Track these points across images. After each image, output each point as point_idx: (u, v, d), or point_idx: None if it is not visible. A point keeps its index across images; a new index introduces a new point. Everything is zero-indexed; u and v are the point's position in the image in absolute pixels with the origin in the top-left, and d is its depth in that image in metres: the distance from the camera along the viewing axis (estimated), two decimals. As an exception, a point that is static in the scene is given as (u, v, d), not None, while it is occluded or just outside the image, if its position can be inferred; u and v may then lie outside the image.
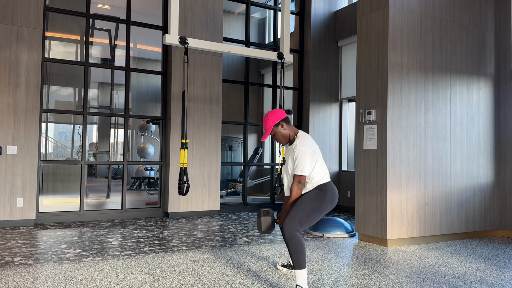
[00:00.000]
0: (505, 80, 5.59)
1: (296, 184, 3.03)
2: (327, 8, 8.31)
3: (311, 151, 3.07)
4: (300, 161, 3.01)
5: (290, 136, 3.22)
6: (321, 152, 7.98)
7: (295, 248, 2.90)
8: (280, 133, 3.20)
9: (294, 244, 2.91)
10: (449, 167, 5.16)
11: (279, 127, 3.19)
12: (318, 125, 8.06)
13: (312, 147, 3.09)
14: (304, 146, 3.05)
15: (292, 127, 3.23)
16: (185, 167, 4.24)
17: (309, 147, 3.07)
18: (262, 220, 3.22)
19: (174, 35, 4.46)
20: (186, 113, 4.31)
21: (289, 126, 3.22)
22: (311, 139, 3.16)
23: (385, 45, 4.82)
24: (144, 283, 3.23)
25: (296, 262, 2.92)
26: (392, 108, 4.77)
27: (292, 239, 2.91)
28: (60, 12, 6.19)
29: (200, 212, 6.84)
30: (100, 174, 12.02)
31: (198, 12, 6.93)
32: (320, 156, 3.17)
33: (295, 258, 2.92)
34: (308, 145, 3.07)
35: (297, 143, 3.09)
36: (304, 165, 3.01)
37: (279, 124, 3.19)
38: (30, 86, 5.75)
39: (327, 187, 3.13)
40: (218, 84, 7.05)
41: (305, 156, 3.02)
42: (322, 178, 3.13)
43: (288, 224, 2.94)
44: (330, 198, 3.11)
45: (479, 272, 3.74)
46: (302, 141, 3.09)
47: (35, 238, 4.87)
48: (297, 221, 2.95)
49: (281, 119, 3.19)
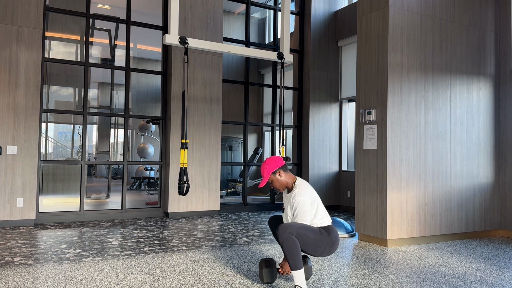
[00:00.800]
0: (505, 80, 5.59)
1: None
2: (327, 8, 8.31)
3: (310, 200, 3.06)
4: (300, 211, 3.02)
5: (288, 183, 3.22)
6: (320, 159, 7.98)
7: (290, 249, 2.89)
8: (277, 180, 3.21)
9: (288, 245, 2.89)
10: (449, 167, 5.16)
11: (277, 175, 3.20)
12: (318, 125, 8.06)
13: (310, 195, 3.09)
14: (302, 196, 3.04)
15: (289, 174, 3.24)
16: (185, 167, 4.24)
17: (307, 196, 3.06)
18: (264, 272, 3.20)
19: (174, 35, 4.46)
20: (186, 113, 4.31)
21: (287, 174, 3.22)
22: (309, 187, 3.16)
23: (385, 45, 4.82)
24: (144, 283, 3.23)
25: (292, 263, 2.91)
26: (392, 108, 4.77)
27: (286, 240, 2.90)
28: (60, 12, 6.19)
29: (200, 212, 6.84)
30: (100, 174, 12.02)
31: (198, 12, 6.93)
32: (320, 202, 3.16)
33: (291, 259, 2.91)
34: (307, 194, 3.06)
35: (296, 193, 3.08)
36: (305, 215, 3.02)
37: (277, 172, 3.20)
38: (30, 86, 5.75)
39: (330, 229, 3.10)
40: (218, 84, 7.05)
41: (304, 206, 3.02)
42: (323, 222, 3.12)
43: (284, 227, 2.93)
44: (332, 241, 3.07)
45: (479, 272, 3.74)
46: (301, 191, 3.08)
47: (35, 238, 4.87)
48: (295, 230, 2.93)
49: (279, 167, 3.20)
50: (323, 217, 3.13)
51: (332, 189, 8.15)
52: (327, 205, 8.07)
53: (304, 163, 8.05)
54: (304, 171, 8.05)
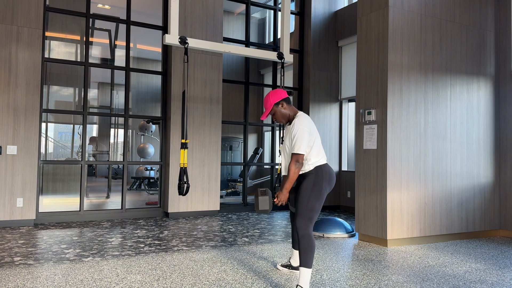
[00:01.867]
0: (505, 80, 5.59)
1: (294, 163, 3.02)
2: (327, 8, 8.30)
3: (308, 130, 3.08)
4: (298, 139, 3.03)
5: (289, 116, 3.23)
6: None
7: (305, 246, 2.94)
8: (280, 112, 3.22)
9: (305, 242, 2.94)
10: (449, 167, 5.16)
11: (279, 106, 3.21)
12: (318, 125, 8.06)
13: (310, 126, 3.11)
14: (302, 125, 3.07)
15: (292, 107, 3.25)
16: (185, 167, 4.24)
17: (307, 126, 3.08)
18: (260, 200, 3.20)
19: (174, 35, 4.46)
20: (186, 113, 4.31)
21: (290, 106, 3.23)
22: (310, 120, 3.17)
23: (385, 45, 4.82)
24: (144, 283, 3.23)
25: (303, 260, 2.94)
26: (392, 108, 4.77)
27: (304, 237, 2.95)
28: (60, 12, 6.19)
29: (200, 212, 6.84)
30: (100, 174, 12.01)
31: (198, 12, 6.93)
32: (318, 138, 3.18)
33: (303, 255, 2.94)
34: (306, 124, 3.09)
35: (296, 122, 3.11)
36: (302, 143, 3.02)
37: (280, 103, 3.21)
38: (30, 86, 5.75)
39: (323, 169, 3.11)
40: (218, 84, 7.05)
41: (302, 134, 3.03)
42: (319, 159, 3.13)
43: (299, 224, 2.98)
44: (327, 180, 3.10)
45: (479, 272, 3.74)
46: (301, 120, 3.10)
47: (35, 238, 4.87)
48: (307, 218, 2.98)
49: (282, 99, 3.21)
50: (319, 152, 3.13)
51: (332, 189, 8.14)
52: (327, 205, 8.07)
53: (304, 163, 8.03)
54: (304, 171, 8.03)
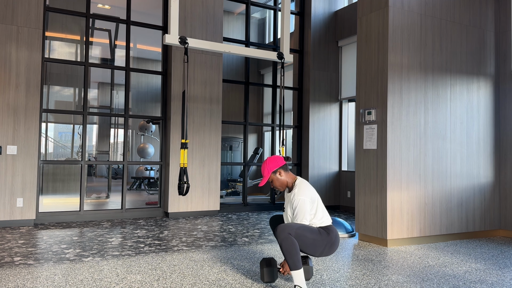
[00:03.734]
0: (505, 80, 5.59)
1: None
2: (327, 8, 8.31)
3: (309, 200, 3.06)
4: (300, 211, 3.02)
5: (288, 183, 3.22)
6: (320, 159, 7.98)
7: (289, 249, 2.90)
8: (277, 180, 3.21)
9: (287, 245, 2.90)
10: (449, 167, 5.16)
11: (277, 174, 3.21)
12: (318, 125, 8.06)
13: (310, 194, 3.09)
14: (302, 195, 3.04)
15: (290, 174, 3.24)
16: (185, 167, 4.24)
17: (307, 195, 3.06)
18: (265, 271, 3.21)
19: (174, 35, 4.46)
20: (186, 113, 4.31)
21: (287, 173, 3.23)
22: (309, 186, 3.15)
23: (385, 45, 4.82)
24: (144, 283, 3.23)
25: (291, 263, 2.92)
26: (392, 108, 4.77)
27: (285, 240, 2.90)
28: (60, 12, 6.19)
29: (200, 212, 6.84)
30: (100, 174, 12.01)
31: (198, 12, 6.93)
32: (320, 201, 3.16)
33: (290, 259, 2.91)
34: (306, 194, 3.06)
35: (296, 192, 3.08)
36: (304, 214, 3.02)
37: (277, 171, 3.20)
38: (30, 86, 5.75)
39: (330, 229, 3.10)
40: (218, 84, 7.05)
41: (304, 205, 3.02)
42: (323, 222, 3.12)
43: (282, 227, 2.93)
44: (332, 241, 3.07)
45: (479, 272, 3.74)
46: (300, 190, 3.08)
47: (35, 238, 4.87)
48: (294, 230, 2.93)
49: (279, 167, 3.20)
50: (322, 217, 3.12)
51: (332, 189, 8.15)
52: (327, 205, 8.07)
53: (304, 163, 8.05)
54: (304, 171, 8.05)
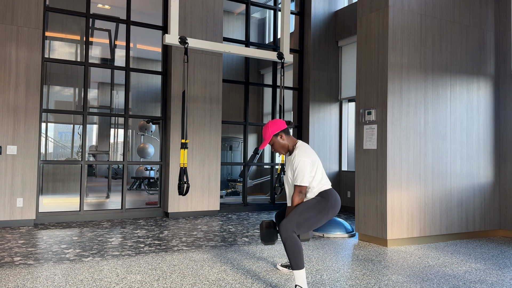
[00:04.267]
0: (505, 80, 5.59)
1: (297, 195, 3.05)
2: (327, 8, 8.30)
3: (310, 161, 3.08)
4: (300, 171, 3.04)
5: (289, 146, 3.24)
6: (320, 159, 7.98)
7: (292, 248, 2.91)
8: (278, 143, 3.23)
9: (290, 244, 2.91)
10: (449, 167, 5.16)
11: (278, 137, 3.22)
12: (318, 125, 8.06)
13: (311, 156, 3.11)
14: (303, 156, 3.07)
15: (291, 137, 3.26)
16: (185, 167, 4.24)
17: (308, 157, 3.08)
18: (265, 233, 3.23)
19: (174, 35, 4.46)
20: (186, 113, 4.31)
21: (288, 137, 3.24)
22: (310, 149, 3.18)
23: (385, 45, 4.82)
24: (144, 283, 3.23)
25: (294, 263, 2.93)
26: (392, 108, 4.77)
27: (288, 239, 2.92)
28: (60, 12, 6.19)
29: (200, 212, 6.84)
30: (100, 174, 12.01)
31: (198, 12, 6.93)
32: (320, 165, 3.18)
33: (292, 258, 2.92)
34: (307, 155, 3.08)
35: (296, 153, 3.11)
36: (304, 175, 3.03)
37: (279, 134, 3.22)
38: (30, 86, 5.75)
39: (329, 194, 3.13)
40: (218, 84, 7.05)
41: (304, 166, 3.04)
42: (323, 185, 3.14)
43: (285, 225, 2.95)
44: (332, 205, 3.11)
45: (479, 272, 3.74)
46: (301, 152, 3.10)
47: (35, 238, 4.87)
48: (295, 223, 2.96)
49: (281, 130, 3.22)
50: (321, 179, 3.15)
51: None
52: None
53: (304, 163, 8.03)
54: (304, 171, 8.03)
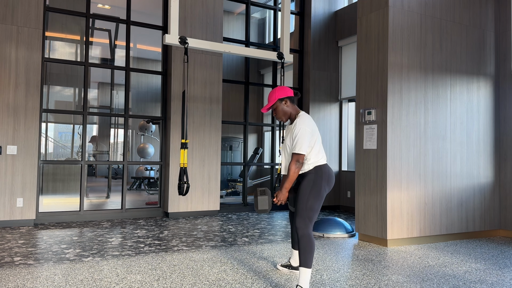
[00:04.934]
0: (505, 80, 5.59)
1: (294, 163, 3.03)
2: (327, 8, 8.30)
3: (310, 131, 3.08)
4: (299, 139, 3.03)
5: (291, 114, 3.23)
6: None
7: (305, 246, 2.95)
8: (282, 108, 3.21)
9: (305, 242, 2.95)
10: (449, 167, 5.16)
11: (283, 103, 3.21)
12: (318, 125, 8.06)
13: (311, 127, 3.11)
14: (304, 125, 3.07)
15: (295, 106, 3.25)
16: (185, 167, 4.24)
17: (309, 126, 3.08)
18: (259, 200, 3.22)
19: (174, 35, 4.46)
20: (186, 113, 4.31)
21: (292, 105, 3.23)
22: (312, 120, 3.17)
23: (385, 45, 4.82)
24: (144, 283, 3.23)
25: (303, 260, 2.95)
26: (392, 108, 4.77)
27: (303, 237, 2.96)
28: (60, 12, 6.19)
29: (200, 212, 6.84)
30: (100, 174, 12.01)
31: (198, 12, 6.93)
32: (319, 138, 3.18)
33: (303, 255, 2.95)
34: (308, 124, 3.09)
35: (297, 121, 3.11)
36: (303, 143, 3.02)
37: (284, 100, 3.21)
38: (30, 86, 5.75)
39: (322, 169, 3.12)
40: (218, 84, 7.05)
41: (304, 134, 3.03)
42: (319, 159, 3.13)
43: (299, 224, 2.98)
44: (326, 180, 3.11)
45: (479, 272, 3.74)
46: (303, 120, 3.10)
47: (35, 238, 4.87)
48: (307, 219, 2.98)
49: (287, 96, 3.21)
50: (319, 152, 3.14)
51: (332, 189, 8.15)
52: (327, 205, 8.07)
53: (304, 163, 8.04)
54: (304, 171, 8.04)
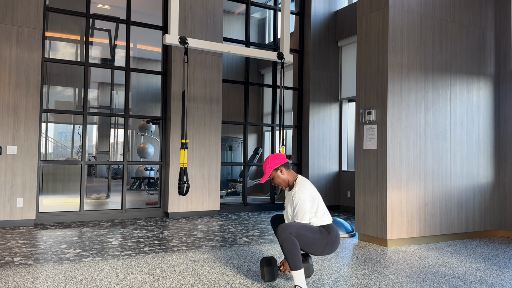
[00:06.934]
0: (505, 80, 5.59)
1: None
2: (327, 8, 8.31)
3: (310, 198, 3.07)
4: (300, 209, 3.03)
5: (289, 181, 3.24)
6: (320, 159, 7.98)
7: (289, 249, 2.91)
8: (278, 177, 3.23)
9: (288, 245, 2.91)
10: (449, 167, 5.16)
11: (278, 172, 3.22)
12: (318, 125, 8.06)
13: (311, 193, 3.10)
14: (302, 193, 3.05)
15: (291, 172, 3.26)
16: (185, 167, 4.24)
17: (308, 194, 3.07)
18: (265, 270, 3.21)
19: (174, 35, 4.46)
20: (186, 113, 4.31)
21: (289, 171, 3.24)
22: (310, 184, 3.17)
23: (385, 45, 4.82)
24: (144, 283, 3.23)
25: (292, 264, 2.92)
26: (392, 108, 4.77)
27: (285, 241, 2.91)
28: (60, 12, 6.19)
29: (200, 212, 6.84)
30: (100, 174, 12.02)
31: (198, 12, 6.93)
32: (321, 200, 3.17)
33: (291, 259, 2.91)
34: (307, 192, 3.07)
35: (296, 190, 3.09)
36: (304, 213, 3.02)
37: (279, 169, 3.22)
38: (30, 86, 5.75)
39: (330, 228, 3.10)
40: (218, 84, 7.05)
41: (304, 204, 3.03)
42: (323, 221, 3.12)
43: (284, 227, 2.94)
44: (332, 240, 3.07)
45: (479, 272, 3.74)
46: (301, 189, 3.09)
47: (35, 238, 4.87)
48: (294, 229, 2.94)
49: (281, 164, 3.22)
50: (323, 215, 3.13)
51: (332, 189, 8.15)
52: (327, 205, 8.07)
53: (304, 163, 8.05)
54: (304, 171, 8.05)
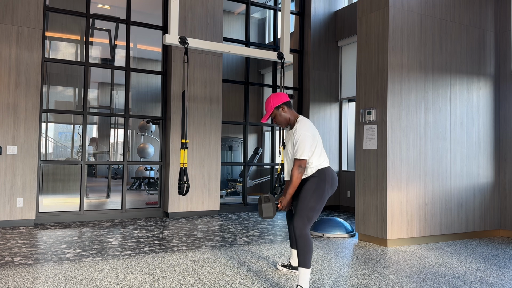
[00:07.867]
0: (505, 80, 5.59)
1: (296, 169, 3.04)
2: (327, 8, 8.30)
3: (311, 135, 3.08)
4: (300, 145, 3.04)
5: (290, 120, 3.24)
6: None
7: (302, 246, 2.94)
8: (280, 115, 3.23)
9: (302, 242, 2.95)
10: (449, 167, 5.16)
11: (280, 110, 3.22)
12: (318, 125, 8.06)
13: (312, 131, 3.11)
14: (304, 130, 3.07)
15: (293, 111, 3.26)
16: (185, 167, 4.24)
17: (309, 131, 3.09)
18: (263, 206, 3.22)
19: (174, 35, 4.46)
20: (186, 113, 4.31)
21: (290, 110, 3.24)
22: (311, 124, 3.18)
23: (385, 45, 4.82)
24: (144, 283, 3.23)
25: (302, 260, 2.95)
26: (392, 108, 4.77)
27: (301, 237, 2.95)
28: (60, 12, 6.19)
29: (200, 212, 6.84)
30: (100, 174, 12.01)
31: (198, 12, 6.93)
32: (320, 141, 3.19)
33: (301, 256, 2.94)
34: (308, 129, 3.09)
35: (297, 127, 3.12)
36: (304, 149, 3.03)
37: (280, 106, 3.22)
38: (30, 86, 5.75)
39: (326, 172, 3.13)
40: (218, 84, 7.05)
41: (305, 140, 3.04)
42: (321, 162, 3.14)
43: (297, 223, 2.98)
44: (330, 184, 3.12)
45: (479, 272, 3.74)
46: (302, 125, 3.11)
47: (35, 238, 4.87)
48: (306, 218, 2.98)
49: (283, 102, 3.22)
50: (320, 155, 3.15)
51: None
52: (327, 205, 8.07)
53: (304, 163, 8.04)
54: (304, 171, 8.04)
